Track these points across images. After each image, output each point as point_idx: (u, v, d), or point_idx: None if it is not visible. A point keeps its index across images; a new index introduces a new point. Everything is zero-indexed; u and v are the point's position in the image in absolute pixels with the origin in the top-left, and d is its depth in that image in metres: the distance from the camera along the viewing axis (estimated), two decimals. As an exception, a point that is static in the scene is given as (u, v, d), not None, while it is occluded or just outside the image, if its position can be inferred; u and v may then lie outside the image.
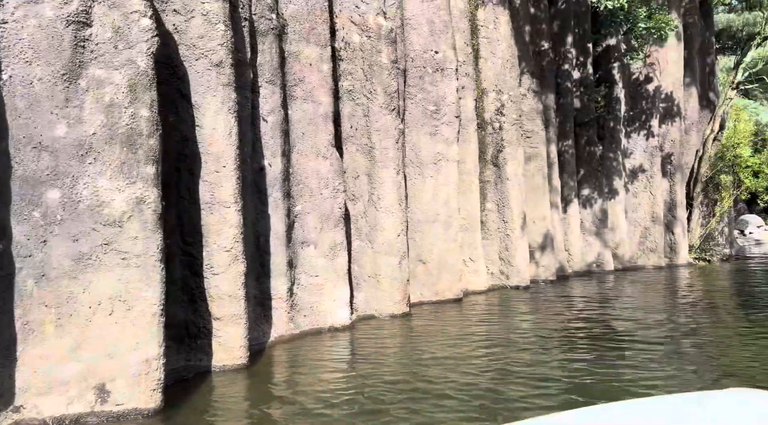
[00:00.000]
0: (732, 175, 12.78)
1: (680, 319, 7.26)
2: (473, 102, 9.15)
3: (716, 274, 11.52)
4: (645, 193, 12.34)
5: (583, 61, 11.73)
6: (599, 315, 7.45)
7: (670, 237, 12.58)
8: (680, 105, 12.73)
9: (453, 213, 8.28)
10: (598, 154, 11.87)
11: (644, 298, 8.93)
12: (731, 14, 20.26)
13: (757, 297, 8.89)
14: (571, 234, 11.30)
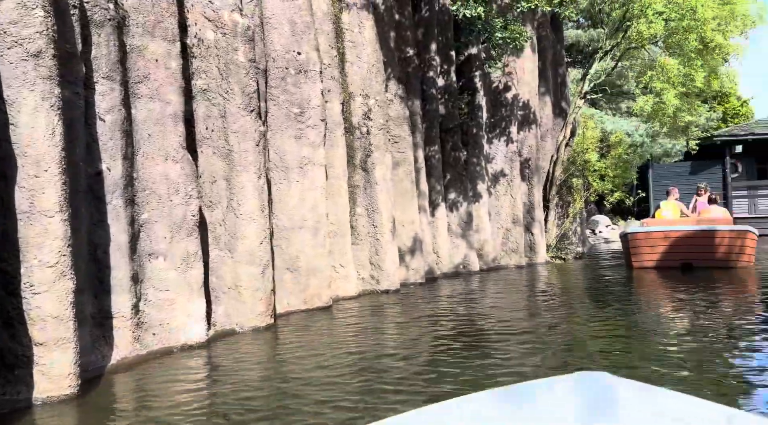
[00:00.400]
0: (582, 179, 13.83)
1: (538, 313, 7.69)
2: (340, 106, 9.03)
3: (570, 271, 12.36)
4: (506, 196, 12.98)
5: (447, 69, 12.10)
6: (466, 313, 7.65)
7: (529, 237, 13.33)
8: (536, 113, 13.56)
9: (321, 218, 8.09)
10: (463, 159, 12.29)
11: (507, 296, 9.32)
12: (579, 30, 22.11)
13: (606, 291, 9.63)
14: (439, 237, 11.57)
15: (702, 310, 7.24)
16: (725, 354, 5.22)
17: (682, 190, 20.28)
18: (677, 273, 10.58)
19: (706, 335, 5.93)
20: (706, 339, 5.74)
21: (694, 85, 11.51)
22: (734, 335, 5.95)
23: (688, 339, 5.82)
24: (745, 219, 18.49)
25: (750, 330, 6.14)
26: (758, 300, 7.94)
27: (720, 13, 10.53)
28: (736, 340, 5.74)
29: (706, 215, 11.32)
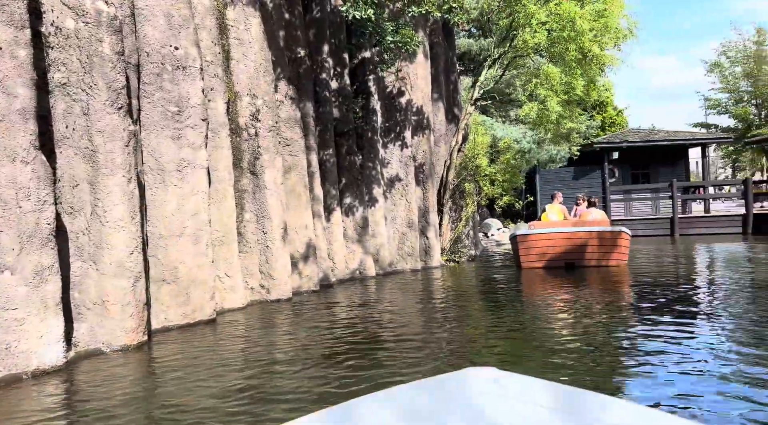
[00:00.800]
0: (474, 183, 14.15)
1: (432, 315, 7.73)
2: (225, 105, 8.54)
3: (464, 273, 12.55)
4: (402, 201, 12.98)
5: (341, 72, 11.91)
6: (360, 319, 7.45)
7: (424, 241, 13.41)
8: (429, 118, 13.70)
9: (203, 225, 7.55)
10: (358, 163, 12.13)
11: (402, 300, 9.23)
12: (470, 39, 22.82)
13: (496, 291, 9.83)
14: (334, 242, 11.31)
15: (583, 307, 7.60)
16: (603, 347, 5.49)
17: (566, 193, 21.45)
18: (562, 272, 11.16)
19: (587, 330, 6.22)
20: (587, 334, 6.02)
21: (575, 93, 12.13)
22: (611, 329, 6.25)
23: (571, 334, 6.06)
24: (621, 221, 19.84)
25: (625, 323, 6.50)
26: (632, 296, 8.43)
27: (596, 26, 11.18)
28: (613, 334, 6.04)
29: (585, 217, 12.07)
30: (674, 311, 6.91)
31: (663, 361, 4.85)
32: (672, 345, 5.38)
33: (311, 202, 10.42)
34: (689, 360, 4.86)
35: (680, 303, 7.44)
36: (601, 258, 11.39)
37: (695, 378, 4.40)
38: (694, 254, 14.38)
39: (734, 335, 5.62)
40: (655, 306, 7.28)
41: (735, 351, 5.10)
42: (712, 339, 5.52)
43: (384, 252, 12.41)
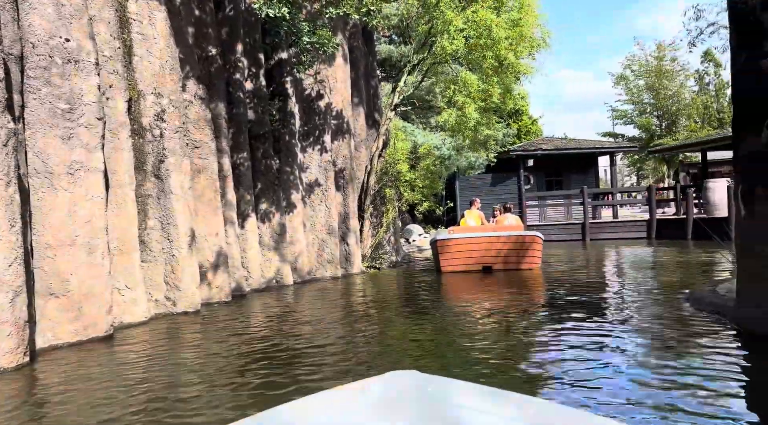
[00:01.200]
0: (394, 189, 14.06)
1: (352, 322, 7.51)
2: (125, 104, 7.93)
3: (385, 280, 12.40)
4: (321, 206, 12.67)
5: (256, 72, 11.47)
6: (277, 330, 7.08)
7: (345, 248, 13.16)
8: (350, 123, 13.49)
9: (99, 233, 6.93)
10: (275, 167, 11.72)
11: (320, 307, 8.92)
12: (391, 46, 22.89)
13: (416, 296, 9.72)
14: (249, 250, 10.83)
15: (501, 310, 7.69)
16: (520, 349, 5.59)
17: (484, 199, 21.90)
18: (479, 276, 11.44)
19: (505, 332, 6.32)
20: (505, 336, 6.12)
21: (492, 101, 12.32)
22: (528, 331, 6.36)
23: (490, 337, 6.14)
24: (536, 227, 20.45)
25: (540, 325, 6.61)
26: (546, 299, 8.57)
27: (511, 35, 11.40)
28: (530, 335, 6.15)
29: (502, 222, 12.52)
30: (585, 313, 7.05)
31: (577, 360, 4.94)
32: (584, 344, 5.48)
33: (223, 208, 9.91)
34: (601, 359, 4.97)
35: (591, 305, 7.61)
36: (517, 261, 11.74)
37: (607, 376, 4.48)
38: (604, 258, 14.98)
39: (642, 335, 5.76)
40: (568, 309, 7.40)
41: (643, 350, 5.22)
42: (621, 339, 5.64)
43: (302, 260, 12.04)
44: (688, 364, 4.68)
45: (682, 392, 4.08)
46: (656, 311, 6.77)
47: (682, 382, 4.28)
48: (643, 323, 6.23)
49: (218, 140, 10.00)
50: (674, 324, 6.02)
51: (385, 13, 20.90)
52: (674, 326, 5.96)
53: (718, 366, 4.58)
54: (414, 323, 7.21)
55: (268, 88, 11.96)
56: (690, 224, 18.50)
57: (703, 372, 4.46)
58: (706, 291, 6.98)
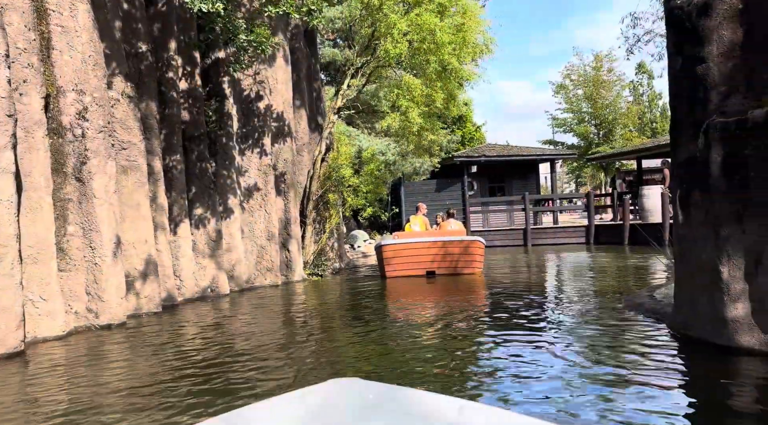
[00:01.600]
0: (338, 194, 13.76)
1: (292, 330, 7.27)
2: (42, 101, 7.32)
3: (327, 287, 12.07)
4: (261, 212, 12.22)
5: (191, 71, 10.96)
6: (209, 341, 6.68)
7: (286, 254, 12.75)
8: (291, 126, 13.11)
9: (9, 240, 6.33)
10: (211, 170, 11.22)
11: (258, 317, 8.52)
12: (336, 50, 22.62)
13: (359, 303, 9.46)
14: (182, 257, 10.28)
15: (443, 316, 7.66)
16: (463, 355, 5.57)
17: (430, 205, 21.91)
18: (423, 281, 11.45)
19: (447, 337, 6.27)
20: (447, 341, 6.09)
21: (435, 106, 12.23)
22: (469, 336, 6.35)
23: (432, 342, 6.10)
24: (480, 232, 20.58)
25: (482, 330, 6.61)
26: (488, 304, 8.55)
27: (455, 39, 11.35)
28: (471, 340, 6.14)
29: (445, 228, 12.57)
30: (526, 318, 7.04)
31: (518, 364, 4.94)
32: (525, 349, 5.46)
33: (153, 213, 9.36)
34: (540, 364, 4.94)
35: (532, 310, 7.57)
36: (459, 266, 11.83)
37: (546, 381, 4.46)
38: (545, 263, 15.15)
39: (581, 340, 5.71)
40: (509, 314, 7.36)
41: (582, 354, 5.16)
42: (560, 344, 5.58)
43: (240, 268, 11.56)
44: (625, 369, 4.62)
45: (618, 395, 4.05)
46: (596, 316, 6.75)
47: (618, 386, 4.25)
48: (583, 328, 6.18)
49: (148, 141, 9.45)
50: (613, 329, 5.99)
51: (329, 17, 20.63)
52: (613, 331, 5.93)
53: (654, 371, 4.53)
54: (356, 331, 7.02)
55: (204, 88, 11.46)
56: (626, 230, 19.02)
57: (639, 377, 4.39)
58: (644, 296, 7.02)
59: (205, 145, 11.14)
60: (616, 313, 6.75)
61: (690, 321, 5.21)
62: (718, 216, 4.75)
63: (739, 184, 4.59)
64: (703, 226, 4.93)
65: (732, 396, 4.04)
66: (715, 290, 4.79)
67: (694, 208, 5.06)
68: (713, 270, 4.79)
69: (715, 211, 4.78)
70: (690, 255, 5.17)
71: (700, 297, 5.03)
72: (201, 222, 10.90)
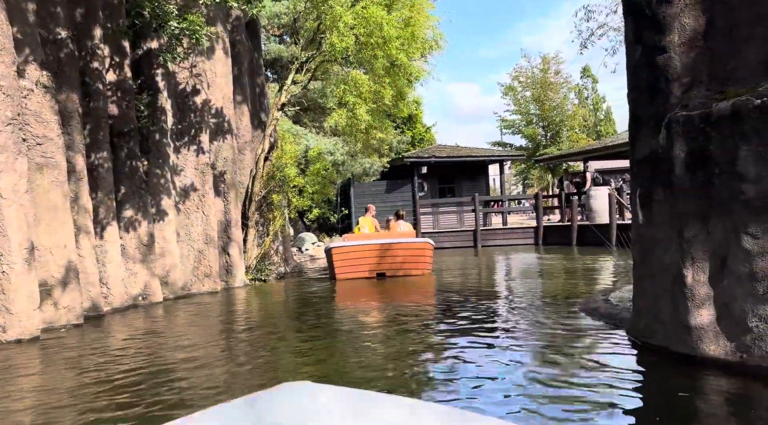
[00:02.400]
0: (282, 195, 13.11)
1: (234, 340, 6.80)
2: (-64, 87, 6.44)
3: (271, 292, 11.44)
4: (198, 214, 11.45)
5: (119, 62, 10.12)
6: (135, 354, 6.00)
7: (226, 259, 12.02)
8: (231, 122, 12.39)
9: None
10: (142, 169, 10.40)
11: (193, 326, 7.85)
12: (282, 46, 21.90)
13: (306, 307, 8.93)
14: (109, 263, 9.44)
15: (394, 317, 7.48)
16: (415, 355, 5.46)
17: (380, 206, 21.48)
18: (373, 283, 11.29)
19: (398, 339, 6.13)
20: (399, 343, 5.95)
21: (384, 103, 11.77)
22: (421, 338, 6.18)
23: (383, 344, 5.98)
24: (430, 234, 20.28)
25: (433, 331, 6.49)
26: (437, 306, 8.37)
27: (403, 34, 10.93)
28: (421, 341, 6.02)
29: (395, 230, 12.56)
30: (478, 322, 6.78)
31: (466, 366, 4.86)
32: (473, 350, 5.36)
33: (74, 215, 8.52)
34: (490, 364, 4.90)
35: (484, 315, 7.26)
36: (408, 268, 11.81)
37: (494, 380, 4.42)
38: (496, 265, 14.93)
39: (536, 347, 5.43)
40: (460, 319, 7.01)
41: (537, 362, 4.95)
42: (513, 351, 5.30)
43: (175, 273, 10.77)
44: (580, 378, 4.26)
45: (573, 403, 3.79)
46: (551, 321, 6.41)
47: (573, 394, 3.95)
48: (537, 334, 5.82)
49: (69, 136, 8.59)
50: (569, 335, 5.65)
51: (275, 11, 19.90)
52: (568, 337, 5.59)
53: (611, 380, 4.19)
54: (301, 337, 6.67)
55: (135, 80, 10.64)
56: (575, 230, 19.09)
57: (596, 389, 4.04)
58: (599, 301, 6.74)
59: (136, 142, 10.31)
60: (571, 318, 6.43)
61: (650, 328, 4.90)
62: (681, 215, 4.45)
63: (704, 181, 4.30)
64: (666, 226, 4.62)
65: (696, 411, 3.72)
66: (677, 294, 4.49)
67: (655, 206, 4.75)
68: (676, 274, 4.49)
69: (679, 209, 4.48)
70: (651, 257, 4.86)
71: (662, 302, 4.72)
72: (131, 225, 10.07)
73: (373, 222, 12.89)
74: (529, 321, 6.51)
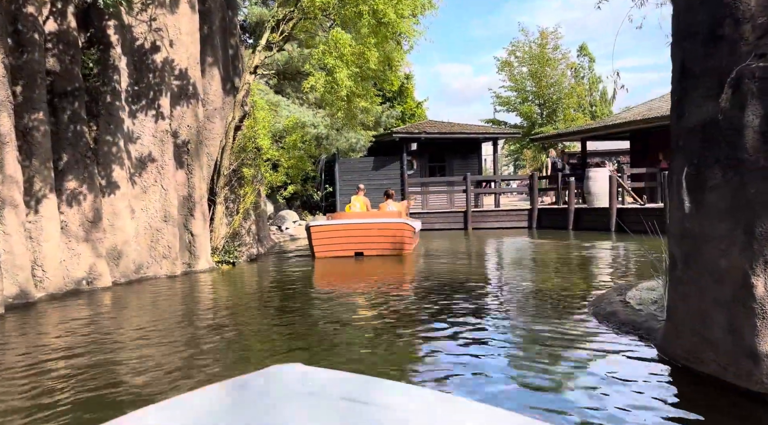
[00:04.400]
0: (254, 169, 11.83)
1: (193, 325, 6.01)
2: None
3: (240, 276, 10.27)
4: (156, 187, 10.17)
5: (62, 10, 8.74)
6: (68, 347, 4.86)
7: (189, 239, 10.78)
8: (198, 86, 11.04)
9: None
10: (89, 135, 9.10)
11: (142, 315, 6.66)
12: (264, 8, 20.38)
13: (276, 295, 7.79)
14: (45, 242, 8.19)
15: (375, 297, 7.23)
16: (401, 336, 5.23)
17: (367, 185, 20.35)
18: (350, 266, 10.76)
19: (381, 319, 5.93)
20: (381, 323, 5.76)
21: (369, 67, 10.47)
22: (405, 319, 5.94)
23: (367, 324, 5.75)
24: (419, 214, 19.12)
25: (415, 314, 6.17)
26: (422, 289, 7.61)
27: (392, -12, 9.59)
28: (407, 323, 5.76)
29: (384, 209, 12.82)
30: (461, 303, 6.33)
31: (452, 349, 4.64)
32: (459, 333, 5.14)
33: (7, 185, 7.24)
34: (477, 347, 4.69)
35: (466, 295, 6.53)
36: (387, 247, 11.82)
37: (481, 364, 4.23)
38: (488, 252, 13.82)
39: (515, 325, 5.29)
40: (442, 300, 6.21)
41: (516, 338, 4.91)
42: (495, 328, 5.23)
43: (128, 254, 9.53)
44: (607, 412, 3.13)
45: None
46: (555, 330, 5.26)
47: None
48: (539, 348, 4.66)
49: (-9, 92, 7.27)
50: (583, 352, 4.50)
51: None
52: (584, 356, 4.43)
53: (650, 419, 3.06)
54: (275, 323, 6.02)
55: (83, 33, 9.27)
56: (571, 214, 18.01)
57: None
58: (616, 302, 5.60)
59: (82, 104, 8.99)
60: (582, 325, 5.28)
61: (695, 349, 3.76)
62: (751, 204, 3.28)
63: (789, 158, 3.12)
64: (726, 218, 3.45)
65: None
66: (739, 310, 3.35)
67: (710, 191, 3.57)
68: (740, 282, 3.34)
69: (748, 196, 3.31)
70: (699, 259, 3.70)
71: (713, 317, 3.58)
72: (74, 199, 8.79)
73: (365, 201, 13.22)
74: (526, 329, 5.35)
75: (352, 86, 10.46)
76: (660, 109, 19.46)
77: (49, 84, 8.59)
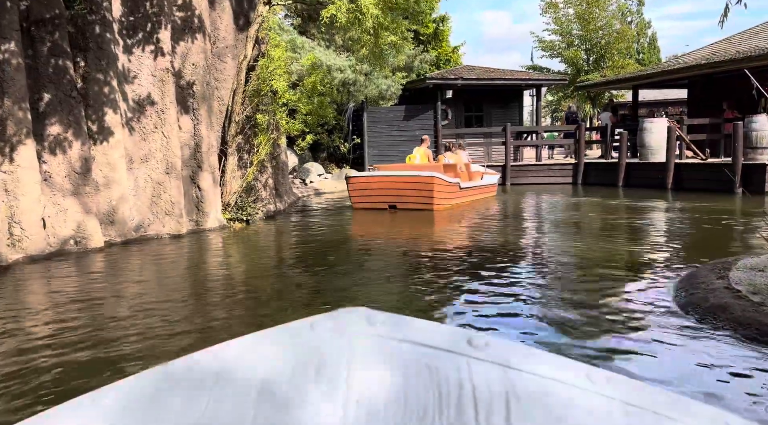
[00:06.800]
0: (269, 115, 10.51)
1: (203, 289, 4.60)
2: None
3: (254, 236, 9.17)
4: (156, 134, 8.97)
5: None
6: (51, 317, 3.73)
7: (195, 193, 9.62)
8: (204, 19, 9.66)
9: None
10: (73, 71, 7.88)
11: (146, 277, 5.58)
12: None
13: (306, 252, 6.58)
14: (22, 196, 7.12)
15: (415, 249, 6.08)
16: (445, 286, 4.85)
17: (397, 136, 18.88)
18: (383, 224, 10.38)
19: (431, 272, 5.26)
20: (431, 275, 5.42)
21: (400, -4, 8.89)
22: (451, 268, 5.15)
23: (412, 273, 5.46)
24: (453, 168, 17.65)
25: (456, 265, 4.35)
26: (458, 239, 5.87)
27: None
28: (453, 272, 5.21)
29: (440, 162, 12.67)
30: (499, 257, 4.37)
31: None
32: None
33: (-44, 130, 6.12)
34: None
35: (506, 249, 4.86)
36: (414, 201, 11.46)
37: None
38: (525, 206, 12.40)
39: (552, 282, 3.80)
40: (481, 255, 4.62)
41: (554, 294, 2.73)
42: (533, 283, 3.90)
43: (124, 210, 8.43)
44: None
45: None
46: (629, 328, 3.90)
47: None
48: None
49: (-57, 15, 6.04)
50: (680, 373, 3.17)
51: None
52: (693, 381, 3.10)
53: None
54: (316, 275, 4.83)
55: (64, -50, 7.92)
56: (623, 170, 16.29)
57: None
58: (719, 289, 4.18)
59: (64, 34, 7.73)
60: (671, 325, 3.88)
61: None
62: None
63: None
64: None
65: None
66: None
67: None
68: None
69: None
70: None
71: None
72: (59, 146, 7.65)
73: (427, 153, 13.23)
74: (589, 330, 4.01)
75: (380, 16, 8.93)
76: (725, 52, 17.26)
77: (25, 10, 7.35)
